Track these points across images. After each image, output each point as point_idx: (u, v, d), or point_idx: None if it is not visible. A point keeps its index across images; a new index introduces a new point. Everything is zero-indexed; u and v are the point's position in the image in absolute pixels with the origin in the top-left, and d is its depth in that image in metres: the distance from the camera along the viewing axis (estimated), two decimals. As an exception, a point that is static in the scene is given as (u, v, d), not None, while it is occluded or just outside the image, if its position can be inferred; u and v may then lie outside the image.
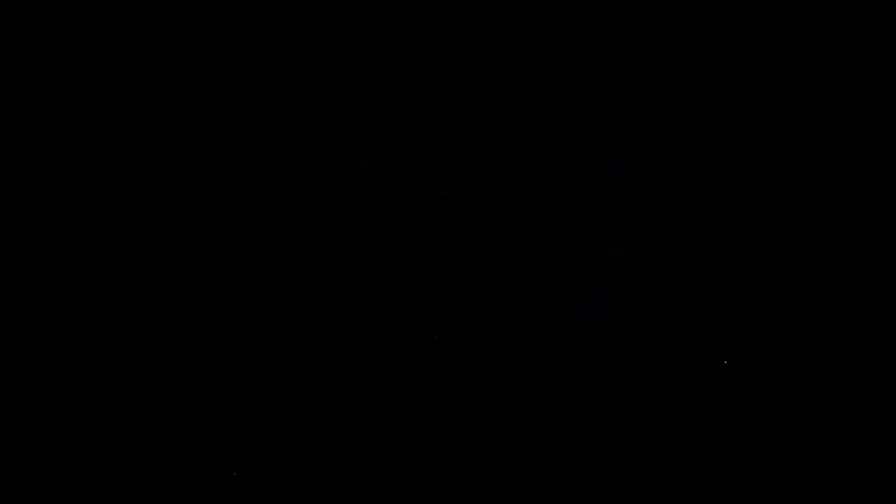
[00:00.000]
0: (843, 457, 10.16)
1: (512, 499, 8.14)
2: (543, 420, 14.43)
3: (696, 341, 42.18)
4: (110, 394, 16.98)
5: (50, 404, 14.57)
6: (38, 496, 7.82)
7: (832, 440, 11.76)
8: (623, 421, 14.23)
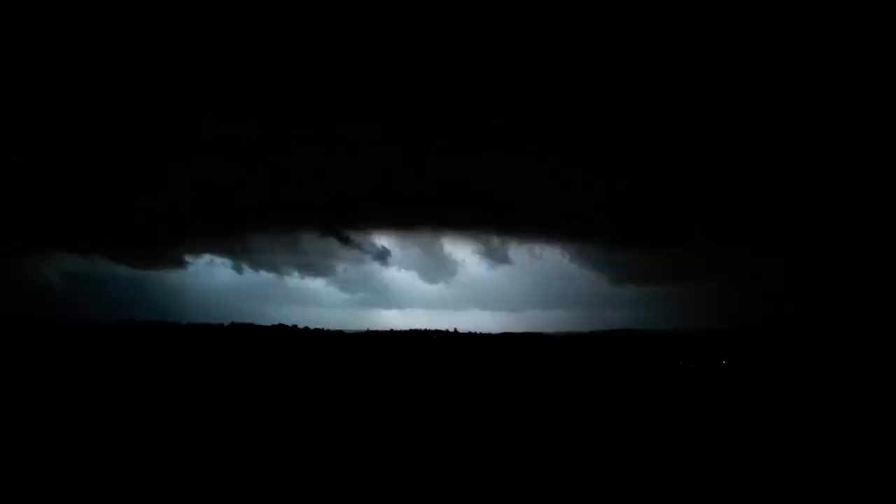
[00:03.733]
0: (843, 455, 10.17)
1: (513, 496, 8.15)
2: (544, 418, 14.44)
3: (697, 341, 42.11)
4: (108, 393, 16.98)
5: (47, 402, 14.56)
6: (39, 496, 7.83)
7: (831, 439, 11.76)
8: (623, 420, 14.23)
